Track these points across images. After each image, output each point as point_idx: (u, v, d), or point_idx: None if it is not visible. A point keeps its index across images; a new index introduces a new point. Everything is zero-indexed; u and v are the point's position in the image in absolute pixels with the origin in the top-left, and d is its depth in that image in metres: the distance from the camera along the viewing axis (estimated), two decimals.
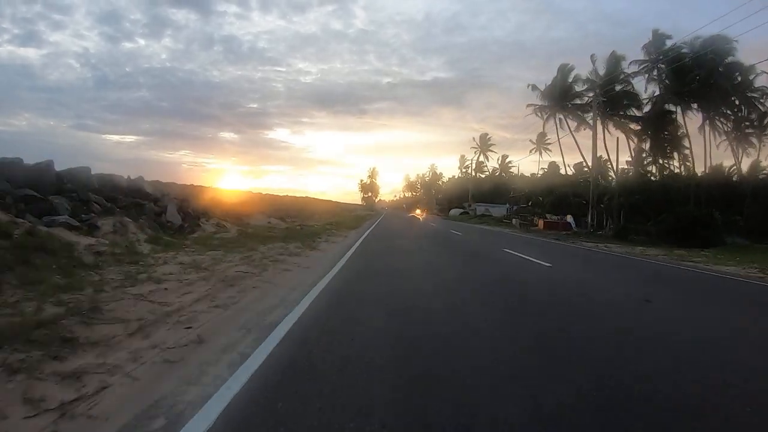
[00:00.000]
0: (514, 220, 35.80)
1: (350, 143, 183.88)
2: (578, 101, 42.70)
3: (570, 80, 42.91)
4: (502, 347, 3.46)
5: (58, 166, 9.27)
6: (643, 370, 3.04)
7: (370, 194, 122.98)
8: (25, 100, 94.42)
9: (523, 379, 2.77)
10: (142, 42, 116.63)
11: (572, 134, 43.12)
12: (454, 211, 58.44)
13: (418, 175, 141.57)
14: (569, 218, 30.87)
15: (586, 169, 74.49)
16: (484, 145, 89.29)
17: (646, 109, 38.06)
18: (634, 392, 2.64)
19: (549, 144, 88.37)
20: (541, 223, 30.09)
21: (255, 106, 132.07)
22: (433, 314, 4.51)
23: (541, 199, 31.55)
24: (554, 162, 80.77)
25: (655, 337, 4.06)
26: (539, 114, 45.39)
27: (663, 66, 36.56)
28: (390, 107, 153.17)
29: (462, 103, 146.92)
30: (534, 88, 44.27)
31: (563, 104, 43.19)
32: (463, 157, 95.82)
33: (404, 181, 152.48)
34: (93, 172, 10.58)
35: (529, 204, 29.72)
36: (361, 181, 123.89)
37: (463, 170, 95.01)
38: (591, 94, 41.92)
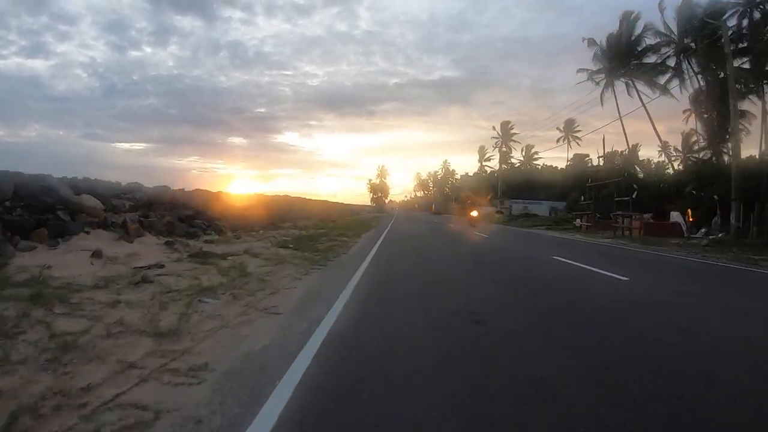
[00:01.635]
0: (578, 220, 25.32)
1: (359, 145, 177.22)
2: (649, 58, 32.00)
3: (638, 32, 32.17)
4: None
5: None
6: None
7: (379, 194, 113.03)
8: (34, 112, 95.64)
9: None
10: (148, 50, 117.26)
11: (643, 104, 32.32)
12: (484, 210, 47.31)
13: (429, 172, 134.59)
14: (676, 217, 20.28)
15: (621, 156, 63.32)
16: (506, 134, 78.45)
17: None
18: None
19: (578, 132, 78.07)
20: (637, 226, 19.54)
21: (263, 110, 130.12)
22: None
23: (635, 186, 20.96)
24: (579, 154, 70.41)
25: None
26: (594, 80, 34.67)
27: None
28: (397, 108, 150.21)
29: (469, 102, 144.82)
30: (591, 43, 33.59)
31: (628, 64, 32.46)
32: (482, 148, 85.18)
33: (415, 180, 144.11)
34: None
35: (634, 196, 18.95)
36: (370, 181, 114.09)
37: (484, 163, 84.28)
38: (668, 50, 31.30)
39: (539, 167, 68.25)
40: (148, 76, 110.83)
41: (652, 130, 33.98)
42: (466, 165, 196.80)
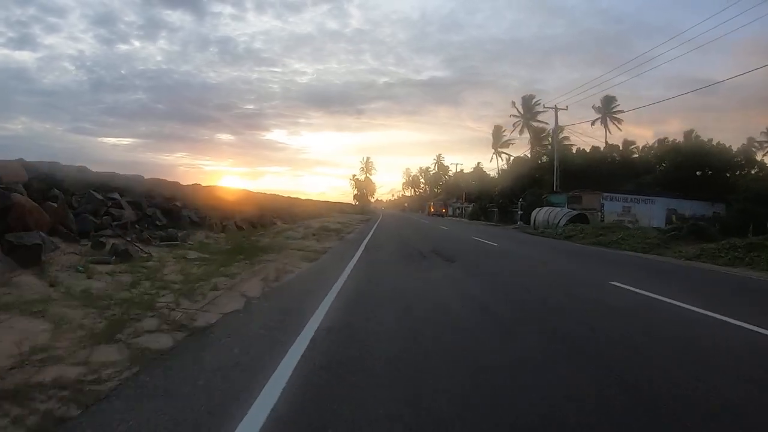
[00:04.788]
0: None
1: (347, 144, 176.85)
2: None
3: None
4: None
5: None
6: None
7: (364, 191, 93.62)
8: (21, 104, 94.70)
9: None
10: (137, 44, 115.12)
11: None
12: (549, 215, 26.98)
13: (420, 167, 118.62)
14: None
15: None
16: (529, 111, 60.02)
17: None
18: None
19: (618, 112, 60.63)
20: None
21: (251, 107, 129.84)
22: None
23: None
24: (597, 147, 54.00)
25: None
26: None
27: None
28: (386, 107, 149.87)
29: (458, 102, 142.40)
30: None
31: None
32: (498, 129, 66.68)
33: (404, 177, 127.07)
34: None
35: None
36: (353, 176, 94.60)
37: (500, 149, 65.71)
38: None
39: (598, 148, 49.46)
40: (137, 70, 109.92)
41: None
42: (455, 165, 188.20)
